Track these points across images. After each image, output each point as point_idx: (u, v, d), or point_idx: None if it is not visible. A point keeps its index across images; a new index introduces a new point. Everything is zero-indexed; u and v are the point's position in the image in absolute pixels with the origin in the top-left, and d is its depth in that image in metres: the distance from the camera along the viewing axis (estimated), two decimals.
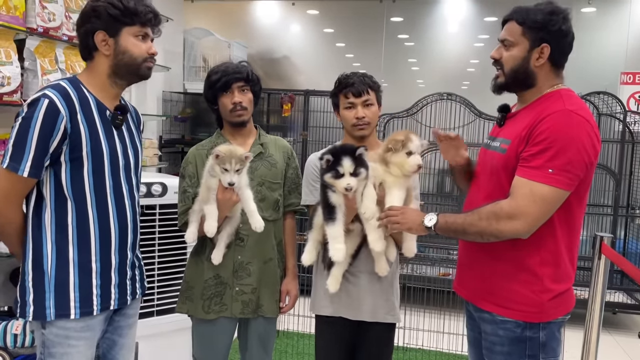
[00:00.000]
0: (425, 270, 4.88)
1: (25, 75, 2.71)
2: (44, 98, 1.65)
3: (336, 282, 2.08)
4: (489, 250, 1.80)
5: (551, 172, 1.63)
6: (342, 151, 1.88)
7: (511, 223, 1.66)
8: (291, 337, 3.92)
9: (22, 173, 1.64)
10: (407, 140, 1.88)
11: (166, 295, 2.99)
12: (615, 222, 4.65)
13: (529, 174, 1.66)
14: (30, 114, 1.64)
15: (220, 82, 2.16)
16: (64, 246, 1.73)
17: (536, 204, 1.64)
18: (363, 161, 1.87)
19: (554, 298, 1.76)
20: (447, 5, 5.46)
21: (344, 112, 2.16)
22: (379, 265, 2.05)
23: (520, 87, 1.83)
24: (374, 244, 1.92)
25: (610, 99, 4.74)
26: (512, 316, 1.76)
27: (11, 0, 2.61)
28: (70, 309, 1.73)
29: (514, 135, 1.77)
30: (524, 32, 1.77)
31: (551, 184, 1.63)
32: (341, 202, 1.91)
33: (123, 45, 1.77)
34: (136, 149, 1.93)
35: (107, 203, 1.79)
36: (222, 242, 2.10)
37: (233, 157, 1.91)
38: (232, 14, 5.92)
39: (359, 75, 2.17)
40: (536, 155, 1.65)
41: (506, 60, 1.81)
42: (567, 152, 1.63)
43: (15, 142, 1.65)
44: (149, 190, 2.88)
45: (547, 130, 1.65)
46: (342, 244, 1.92)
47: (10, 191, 1.68)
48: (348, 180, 1.84)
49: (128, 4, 1.75)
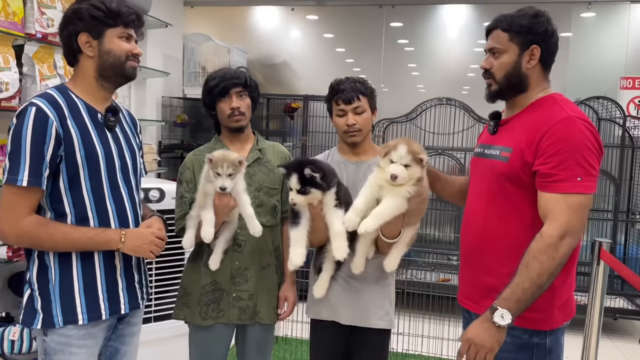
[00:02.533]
0: (425, 276, 4.86)
1: (24, 81, 2.72)
2: (31, 107, 1.65)
3: (322, 288, 2.10)
4: (496, 259, 1.79)
5: (580, 180, 1.64)
6: (292, 167, 1.90)
7: (566, 241, 1.63)
8: (290, 344, 3.90)
9: (21, 183, 1.62)
10: (392, 149, 1.83)
11: (164, 301, 2.98)
12: (615, 227, 4.64)
13: (558, 188, 1.65)
14: (20, 124, 1.64)
15: (218, 87, 2.15)
16: (67, 253, 1.73)
17: (577, 214, 1.64)
18: (314, 181, 1.86)
19: (563, 304, 1.77)
20: (446, 10, 5.47)
21: (336, 119, 2.17)
22: (355, 261, 2.02)
23: (514, 92, 1.84)
24: (336, 252, 1.90)
25: (610, 103, 4.73)
26: (520, 324, 1.73)
27: (10, 6, 2.61)
28: (78, 315, 1.73)
29: (514, 143, 1.77)
30: (511, 37, 1.79)
31: (583, 192, 1.64)
32: (304, 209, 1.93)
33: (107, 47, 1.77)
34: (133, 150, 1.92)
35: (107, 206, 1.78)
36: (220, 247, 2.09)
37: (225, 161, 1.90)
38: (231, 20, 5.93)
39: (350, 81, 2.15)
40: (558, 168, 1.65)
41: (497, 68, 1.82)
42: (586, 157, 1.65)
43: (11, 154, 1.64)
44: (147, 196, 2.88)
45: (560, 141, 1.66)
46: (302, 248, 1.93)
47: (15, 204, 1.65)
48: (292, 196, 1.87)
49: (110, 6, 1.75)
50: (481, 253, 1.85)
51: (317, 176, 1.85)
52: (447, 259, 5.01)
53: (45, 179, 1.66)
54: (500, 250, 1.79)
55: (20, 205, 1.66)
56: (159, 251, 1.86)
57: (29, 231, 1.67)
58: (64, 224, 1.71)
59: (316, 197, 1.88)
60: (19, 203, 1.65)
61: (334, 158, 2.23)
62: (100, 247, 1.75)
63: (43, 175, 1.65)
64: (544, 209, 1.67)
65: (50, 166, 1.66)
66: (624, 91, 4.96)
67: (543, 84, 1.84)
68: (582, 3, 5.08)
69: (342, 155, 2.23)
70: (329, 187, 1.90)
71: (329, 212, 1.92)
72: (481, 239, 1.85)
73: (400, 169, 1.80)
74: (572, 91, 4.74)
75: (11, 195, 1.65)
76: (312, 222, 1.96)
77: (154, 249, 1.83)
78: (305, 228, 1.94)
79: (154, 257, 1.86)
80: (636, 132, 4.72)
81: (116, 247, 1.76)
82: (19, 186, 1.62)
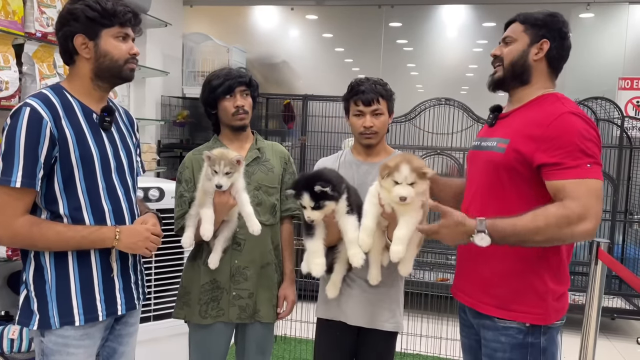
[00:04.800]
0: (424, 275, 4.88)
1: (24, 80, 2.72)
2: (25, 107, 1.64)
3: (335, 288, 2.09)
4: (491, 253, 1.78)
5: (589, 166, 1.65)
6: (301, 186, 1.88)
7: (583, 224, 1.62)
8: (289, 343, 3.91)
9: (15, 184, 1.61)
10: (394, 170, 1.79)
11: (163, 300, 2.99)
12: (613, 227, 4.66)
13: (572, 173, 1.65)
14: (14, 124, 1.62)
15: (223, 86, 2.16)
16: (63, 253, 1.72)
17: (597, 198, 1.65)
18: (325, 195, 1.84)
19: (557, 299, 1.78)
20: (445, 10, 5.48)
21: (352, 118, 2.16)
22: (371, 272, 2.03)
23: (516, 82, 1.87)
24: (353, 259, 1.88)
25: (608, 104, 4.75)
26: (515, 318, 1.76)
27: (10, 5, 2.61)
28: (75, 316, 1.73)
29: (511, 134, 1.79)
30: (526, 29, 1.86)
31: (596, 177, 1.66)
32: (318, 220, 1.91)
33: (103, 48, 1.75)
34: (129, 150, 1.91)
35: (103, 207, 1.77)
36: (219, 246, 2.10)
37: (223, 159, 1.91)
38: (231, 19, 5.93)
39: (371, 82, 2.14)
40: (566, 158, 1.66)
41: (506, 54, 1.88)
42: (589, 147, 1.67)
43: (4, 155, 1.63)
44: (146, 195, 2.88)
45: (564, 133, 1.68)
46: (320, 258, 1.93)
47: (8, 205, 1.64)
48: (308, 214, 1.86)
49: (106, 5, 1.73)
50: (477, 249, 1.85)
51: (328, 190, 1.83)
52: (445, 258, 5.02)
53: (39, 180, 1.65)
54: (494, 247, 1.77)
55: (13, 207, 1.64)
56: (155, 248, 1.85)
57: (22, 232, 1.65)
58: (57, 223, 1.70)
59: (330, 208, 1.88)
60: (12, 204, 1.64)
61: (346, 158, 2.24)
62: (95, 245, 1.74)
63: (37, 177, 1.64)
64: (561, 192, 1.65)
65: (44, 167, 1.65)
66: (622, 92, 4.98)
67: (547, 82, 1.86)
68: (580, 4, 5.10)
69: (356, 156, 2.23)
70: (340, 195, 1.89)
71: (342, 218, 1.91)
72: None
73: (407, 189, 1.77)
74: (571, 91, 4.69)
75: (4, 197, 1.63)
76: (328, 229, 1.95)
77: (150, 246, 1.82)
78: (321, 237, 1.94)
79: (150, 254, 1.85)
80: (634, 132, 4.73)
81: (111, 245, 1.75)
82: (13, 187, 1.61)
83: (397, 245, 1.80)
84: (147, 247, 1.81)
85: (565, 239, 1.66)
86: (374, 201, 1.88)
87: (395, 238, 1.81)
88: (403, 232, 1.80)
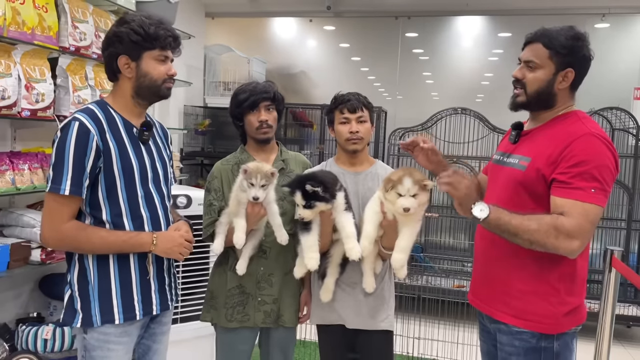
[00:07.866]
0: (440, 282, 4.94)
1: (58, 91, 2.83)
2: (74, 121, 1.77)
3: (329, 292, 2.21)
4: (507, 263, 1.86)
5: (593, 191, 1.71)
6: (294, 185, 2.03)
7: (569, 241, 1.70)
8: (308, 347, 3.99)
9: (64, 192, 1.75)
10: (397, 183, 1.95)
11: (189, 303, 3.08)
12: (629, 235, 4.68)
13: (575, 194, 1.71)
14: (64, 137, 1.76)
15: (248, 101, 2.26)
16: (104, 256, 1.85)
17: (590, 223, 1.72)
18: (317, 195, 1.97)
19: (569, 312, 1.82)
20: (461, 21, 5.56)
21: (338, 126, 2.27)
22: (366, 280, 2.17)
23: (540, 106, 1.90)
24: (350, 252, 2.02)
25: (624, 114, 4.78)
26: (528, 327, 1.82)
27: (45, 21, 2.73)
28: (115, 315, 1.85)
29: (533, 153, 1.83)
30: (551, 55, 1.81)
31: (596, 203, 1.71)
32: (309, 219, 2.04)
33: (144, 69, 1.88)
34: (164, 161, 2.04)
35: (141, 214, 1.90)
36: (247, 253, 2.19)
37: (259, 172, 2.01)
38: (251, 31, 6.06)
39: (354, 94, 2.28)
40: (576, 178, 1.72)
41: (530, 81, 1.86)
42: (602, 173, 1.72)
43: (54, 165, 1.77)
44: (174, 202, 2.98)
45: (581, 153, 1.72)
46: (315, 252, 2.05)
47: (56, 211, 1.79)
48: (300, 212, 2.01)
49: (149, 30, 1.85)
50: (494, 259, 1.92)
51: (318, 190, 1.97)
52: (461, 265, 5.07)
53: (85, 188, 1.79)
54: (512, 257, 1.85)
55: (62, 212, 1.79)
56: (188, 253, 1.98)
57: (68, 235, 1.80)
58: (100, 229, 1.84)
59: (321, 209, 2.01)
60: (61, 210, 1.79)
61: (331, 169, 2.33)
62: (134, 250, 1.88)
63: (83, 185, 1.78)
64: (559, 209, 1.73)
65: (90, 176, 1.79)
66: (638, 101, 4.99)
67: (569, 101, 1.89)
68: (596, 14, 5.14)
69: (340, 166, 2.32)
70: (333, 197, 2.02)
71: (340, 215, 2.05)
72: (494, 244, 1.90)
73: (410, 201, 1.94)
74: (586, 101, 4.77)
75: (54, 203, 1.78)
76: (321, 227, 2.07)
77: (183, 251, 1.96)
78: (316, 232, 2.07)
79: (183, 259, 1.99)
80: None
81: (149, 249, 1.88)
82: (62, 194, 1.75)
83: (399, 253, 2.01)
84: (180, 252, 1.95)
85: (548, 247, 1.72)
86: (376, 209, 2.04)
87: (398, 247, 2.00)
88: (405, 242, 2.00)
